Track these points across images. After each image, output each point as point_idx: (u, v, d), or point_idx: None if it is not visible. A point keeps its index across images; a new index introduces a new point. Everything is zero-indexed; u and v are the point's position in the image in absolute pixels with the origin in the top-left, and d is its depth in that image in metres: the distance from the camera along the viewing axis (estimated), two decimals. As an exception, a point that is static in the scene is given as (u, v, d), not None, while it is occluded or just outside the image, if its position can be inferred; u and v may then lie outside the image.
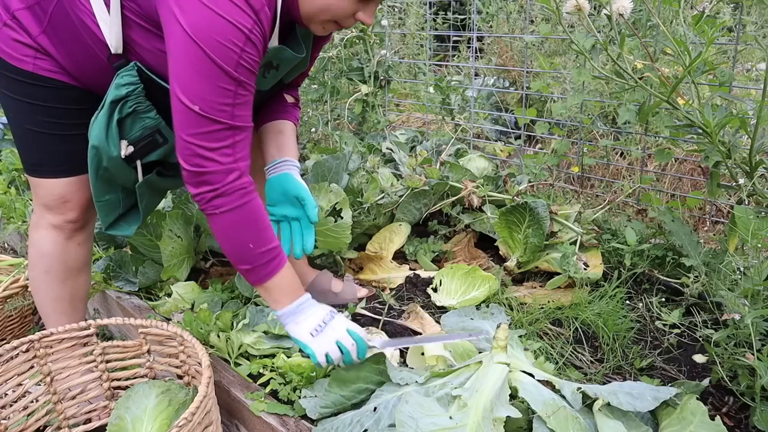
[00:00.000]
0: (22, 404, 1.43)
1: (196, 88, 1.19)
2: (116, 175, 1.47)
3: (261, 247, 1.32)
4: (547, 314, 1.75)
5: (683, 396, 1.23)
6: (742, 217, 1.44)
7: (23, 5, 1.35)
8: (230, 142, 1.25)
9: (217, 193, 1.27)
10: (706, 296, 1.74)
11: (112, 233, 1.57)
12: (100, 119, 1.38)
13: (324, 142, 3.31)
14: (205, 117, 1.20)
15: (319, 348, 1.36)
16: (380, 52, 3.02)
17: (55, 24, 1.35)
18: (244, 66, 1.21)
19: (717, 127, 1.63)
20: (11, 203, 2.75)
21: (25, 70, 1.38)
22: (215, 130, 1.22)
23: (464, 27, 4.81)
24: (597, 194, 2.47)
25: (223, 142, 1.24)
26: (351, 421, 1.25)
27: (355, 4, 1.28)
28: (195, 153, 1.23)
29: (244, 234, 1.31)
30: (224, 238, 1.32)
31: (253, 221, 1.31)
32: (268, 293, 1.38)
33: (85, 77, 1.42)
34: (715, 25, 1.53)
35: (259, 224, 1.32)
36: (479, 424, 1.13)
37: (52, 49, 1.38)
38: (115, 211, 1.55)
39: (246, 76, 1.22)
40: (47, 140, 1.45)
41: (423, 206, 2.21)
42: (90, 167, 1.43)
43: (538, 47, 3.74)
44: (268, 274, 1.34)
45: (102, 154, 1.40)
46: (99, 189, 1.48)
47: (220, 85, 1.19)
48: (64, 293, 1.61)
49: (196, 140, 1.22)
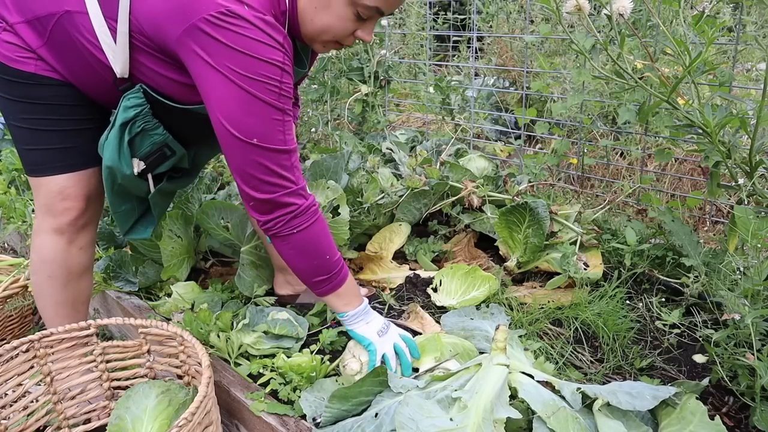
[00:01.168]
0: (22, 404, 1.43)
1: (250, 124, 1.25)
2: (130, 188, 1.53)
3: (335, 255, 1.43)
4: (547, 314, 1.75)
5: (683, 396, 1.23)
6: (742, 217, 1.44)
7: (22, 19, 1.35)
8: (290, 164, 1.32)
9: (294, 214, 1.34)
10: (706, 296, 1.74)
11: (131, 238, 1.65)
12: (111, 141, 1.41)
13: (324, 142, 3.31)
14: (264, 148, 1.26)
15: (381, 348, 1.46)
16: (380, 52, 3.02)
17: (55, 41, 1.35)
18: (285, 96, 1.27)
19: (717, 127, 1.63)
20: (11, 203, 2.75)
21: (27, 72, 1.37)
22: (275, 157, 1.29)
23: (464, 27, 4.82)
24: (597, 194, 2.47)
25: (285, 165, 1.31)
26: (352, 426, 1.25)
27: (354, 23, 1.32)
28: (263, 181, 1.30)
29: (322, 246, 1.40)
30: (302, 255, 1.40)
31: (326, 234, 1.42)
32: (340, 298, 1.47)
33: (88, 89, 1.43)
34: (715, 25, 1.53)
35: (330, 235, 1.43)
36: (479, 425, 1.13)
37: (53, 61, 1.38)
38: (132, 218, 1.61)
39: (287, 104, 1.28)
40: (46, 137, 1.45)
41: (423, 206, 2.21)
42: (105, 184, 1.48)
43: (538, 47, 3.74)
44: (341, 279, 1.45)
45: (116, 173, 1.45)
46: (115, 202, 1.53)
47: (271, 118, 1.26)
48: (67, 297, 1.61)
49: (262, 170, 1.29)
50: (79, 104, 1.44)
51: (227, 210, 1.97)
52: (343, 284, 1.45)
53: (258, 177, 1.29)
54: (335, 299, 1.47)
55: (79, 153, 1.47)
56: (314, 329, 1.76)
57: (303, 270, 1.43)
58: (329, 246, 1.42)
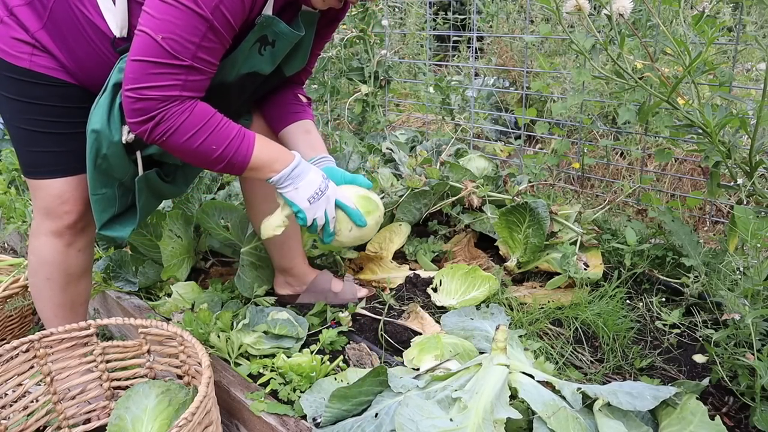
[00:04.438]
0: (22, 404, 1.43)
1: (165, 19, 1.19)
2: (114, 166, 1.44)
3: (224, 143, 1.32)
4: (547, 314, 1.75)
5: (683, 396, 1.23)
6: (742, 217, 1.44)
7: (23, 1, 1.35)
8: (181, 80, 1.25)
9: (156, 120, 1.26)
10: (706, 296, 1.74)
11: (106, 234, 1.53)
12: (101, 103, 1.36)
13: (324, 142, 3.31)
14: (165, 49, 1.20)
15: (311, 214, 1.41)
16: (380, 52, 3.02)
17: (55, 18, 1.35)
18: (221, 12, 1.21)
19: (717, 127, 1.63)
20: (11, 203, 2.75)
21: (21, 68, 1.37)
22: (169, 64, 1.22)
23: (464, 27, 4.82)
24: (597, 194, 2.47)
25: (174, 80, 1.24)
26: (352, 426, 1.25)
27: None
28: (143, 78, 1.22)
29: (204, 143, 1.30)
30: (187, 155, 1.33)
31: (203, 128, 1.30)
32: (259, 171, 1.38)
33: (84, 73, 1.41)
34: (715, 25, 1.53)
35: (210, 126, 1.31)
36: (480, 425, 1.13)
37: (51, 44, 1.37)
38: (110, 208, 1.52)
39: (221, 23, 1.22)
40: (44, 140, 1.44)
41: (423, 206, 2.21)
42: (88, 156, 1.41)
43: (538, 47, 3.74)
44: (245, 157, 1.35)
45: (102, 140, 1.38)
46: (96, 181, 1.45)
47: (190, 22, 1.19)
48: (65, 299, 1.61)
49: (148, 69, 1.22)
50: (77, 106, 1.43)
51: (227, 210, 1.97)
52: (251, 159, 1.36)
53: (140, 73, 1.22)
54: (255, 173, 1.39)
55: (77, 157, 1.44)
56: (314, 329, 1.76)
57: (199, 165, 1.38)
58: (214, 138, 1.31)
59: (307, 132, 1.64)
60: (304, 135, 1.63)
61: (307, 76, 1.76)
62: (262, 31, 1.38)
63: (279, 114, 1.67)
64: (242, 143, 1.35)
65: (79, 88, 1.43)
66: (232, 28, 1.26)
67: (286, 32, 1.41)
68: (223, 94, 1.47)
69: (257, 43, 1.40)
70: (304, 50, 1.54)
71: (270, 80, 1.56)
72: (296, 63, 1.57)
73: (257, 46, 1.40)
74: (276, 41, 1.42)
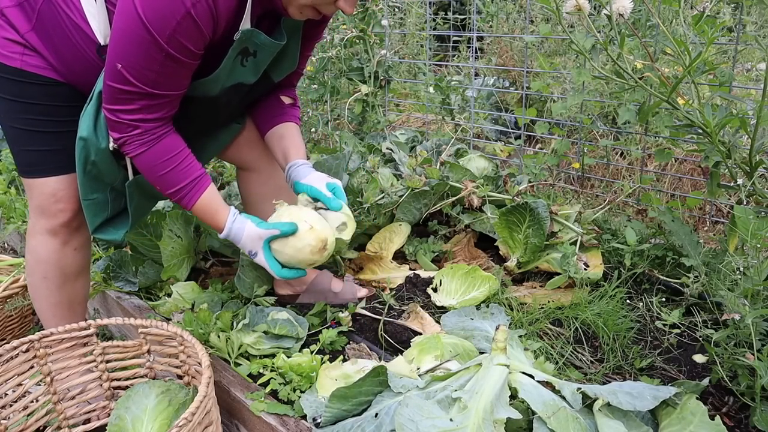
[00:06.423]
0: (22, 404, 1.43)
1: (124, 48, 1.24)
2: (104, 172, 1.46)
3: (177, 185, 1.41)
4: (547, 314, 1.75)
5: (683, 396, 1.23)
6: (742, 217, 1.44)
7: (13, 3, 1.36)
8: (140, 105, 1.31)
9: (124, 141, 1.36)
10: (706, 296, 1.74)
11: (99, 237, 1.57)
12: (88, 111, 1.40)
13: (324, 142, 3.31)
14: (125, 77, 1.25)
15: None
16: (380, 52, 3.02)
17: (43, 21, 1.36)
18: (177, 41, 1.22)
19: (717, 127, 1.63)
20: (11, 203, 2.75)
21: (13, 67, 1.38)
22: (128, 91, 1.28)
23: (464, 27, 4.82)
24: (597, 194, 2.47)
25: (132, 104, 1.30)
26: (352, 426, 1.25)
27: None
28: (112, 100, 1.31)
29: (162, 177, 1.40)
30: (149, 179, 1.43)
31: (164, 163, 1.39)
32: (203, 221, 1.50)
33: (73, 74, 1.42)
34: (715, 25, 1.53)
35: (170, 164, 1.39)
36: (480, 425, 1.13)
37: (40, 46, 1.38)
38: (103, 212, 1.54)
39: (178, 50, 1.24)
40: (37, 138, 1.45)
41: (423, 206, 2.21)
42: (78, 162, 1.43)
43: (538, 47, 3.74)
44: (187, 205, 1.44)
45: (90, 147, 1.41)
46: (86, 186, 1.47)
47: (147, 52, 1.23)
48: (63, 298, 1.61)
49: (115, 93, 1.29)
50: (68, 105, 1.44)
51: (227, 210, 1.97)
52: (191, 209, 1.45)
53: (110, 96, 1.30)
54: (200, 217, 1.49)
55: (70, 155, 1.45)
56: (314, 329, 1.76)
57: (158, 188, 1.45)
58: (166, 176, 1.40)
59: (280, 137, 1.65)
60: (278, 141, 1.65)
61: (298, 78, 1.77)
62: (243, 44, 1.38)
63: (263, 118, 1.70)
64: (190, 192, 1.43)
65: (71, 87, 1.44)
66: (193, 53, 1.27)
67: (267, 43, 1.41)
68: (210, 106, 1.51)
69: (239, 55, 1.40)
70: (292, 55, 1.54)
71: (258, 88, 1.57)
72: (285, 68, 1.58)
73: (239, 58, 1.41)
74: (258, 51, 1.43)
